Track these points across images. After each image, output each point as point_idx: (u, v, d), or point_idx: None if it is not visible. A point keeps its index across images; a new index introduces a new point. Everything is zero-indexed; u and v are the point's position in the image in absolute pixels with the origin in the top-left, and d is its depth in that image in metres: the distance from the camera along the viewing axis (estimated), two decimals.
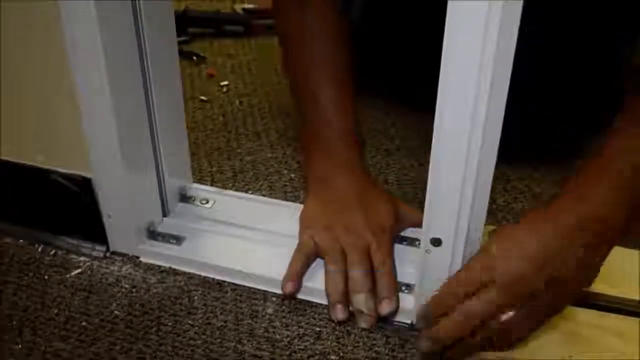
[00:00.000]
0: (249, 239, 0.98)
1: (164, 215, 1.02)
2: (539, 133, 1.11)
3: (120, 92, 0.85)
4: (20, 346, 0.84)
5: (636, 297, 0.86)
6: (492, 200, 0.98)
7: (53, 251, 0.99)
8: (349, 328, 0.87)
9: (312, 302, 0.90)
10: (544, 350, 0.79)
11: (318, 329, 0.87)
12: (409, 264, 0.92)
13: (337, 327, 0.87)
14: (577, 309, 0.85)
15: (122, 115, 0.86)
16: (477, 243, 0.80)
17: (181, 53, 1.39)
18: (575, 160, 1.04)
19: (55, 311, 0.89)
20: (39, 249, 1.00)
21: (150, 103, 0.92)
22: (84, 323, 0.87)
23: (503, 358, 0.78)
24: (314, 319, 0.88)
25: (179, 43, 0.99)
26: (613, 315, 0.84)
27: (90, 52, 0.81)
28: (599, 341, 0.80)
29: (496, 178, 0.74)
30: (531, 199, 1.07)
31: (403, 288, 0.88)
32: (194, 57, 1.58)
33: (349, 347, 0.84)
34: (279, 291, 0.91)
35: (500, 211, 1.05)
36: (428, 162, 0.73)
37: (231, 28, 1.73)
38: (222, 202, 1.06)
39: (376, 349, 0.84)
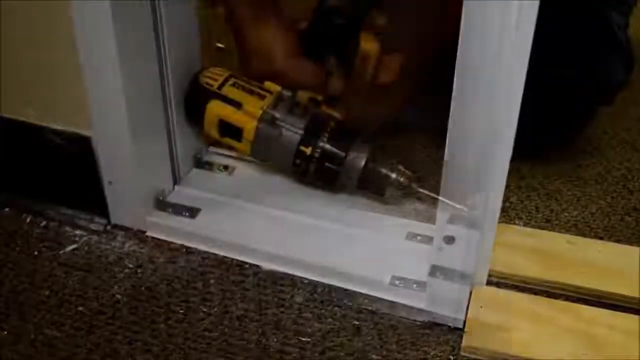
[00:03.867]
0: (276, 214, 0.98)
1: (175, 182, 1.03)
2: (552, 129, 1.18)
3: (127, 38, 0.86)
4: (6, 332, 0.85)
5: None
6: (505, 198, 1.04)
7: (44, 223, 1.00)
8: (393, 322, 0.86)
9: (350, 290, 0.90)
10: (555, 349, 0.85)
11: (357, 322, 0.87)
12: (421, 261, 0.92)
13: (380, 321, 0.86)
14: (587, 307, 0.91)
15: (128, 64, 0.87)
16: (491, 241, 0.86)
17: None
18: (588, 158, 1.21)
19: (47, 293, 0.90)
20: (28, 220, 1.01)
21: (162, 51, 0.92)
22: (80, 308, 0.88)
23: (517, 357, 0.84)
24: (352, 310, 0.88)
25: None
26: (623, 314, 0.90)
27: None
28: (610, 340, 0.86)
29: (509, 174, 0.80)
30: (544, 197, 1.11)
31: (415, 286, 0.90)
32: None
33: (393, 346, 0.84)
34: (310, 276, 0.91)
35: (513, 209, 1.08)
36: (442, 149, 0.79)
37: None
38: (244, 169, 1.06)
39: (387, 346, 0.84)
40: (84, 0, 0.82)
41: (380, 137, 1.03)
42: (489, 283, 0.92)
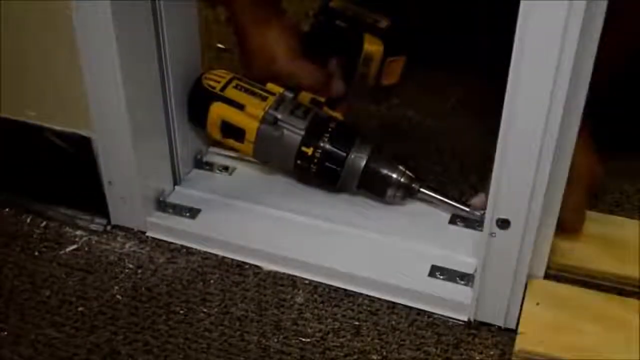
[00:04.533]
0: (276, 215, 0.98)
1: (176, 183, 1.03)
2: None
3: (128, 39, 0.85)
4: (6, 333, 0.85)
5: None
6: None
7: (44, 223, 1.00)
8: (393, 323, 0.86)
9: (350, 291, 0.90)
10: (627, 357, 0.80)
11: (357, 322, 0.87)
12: (466, 250, 0.92)
13: (380, 322, 0.86)
14: None
15: (128, 65, 0.86)
16: (553, 226, 0.80)
17: None
18: None
19: (47, 293, 0.90)
20: (28, 220, 1.00)
21: (163, 52, 0.92)
22: (80, 308, 0.88)
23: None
24: (352, 310, 0.88)
25: None
26: None
27: None
28: None
29: None
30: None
31: (458, 279, 0.89)
32: None
33: (394, 346, 0.84)
34: (310, 277, 0.91)
35: None
36: (489, 125, 0.74)
37: None
38: (244, 170, 1.06)
39: (426, 348, 0.83)
40: (84, 1, 0.82)
41: (381, 137, 1.04)
42: (547, 276, 0.88)
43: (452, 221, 0.97)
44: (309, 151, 0.95)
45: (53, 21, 0.85)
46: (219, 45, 1.39)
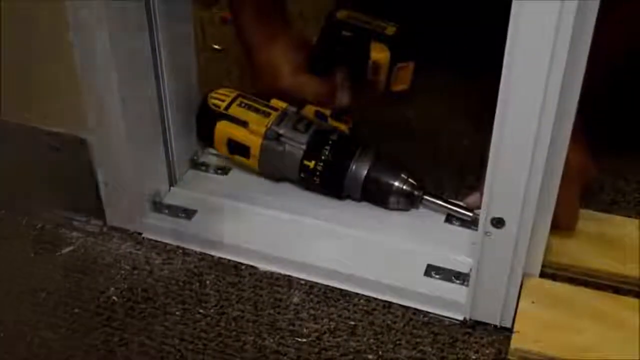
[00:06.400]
0: (272, 215, 0.98)
1: (172, 184, 1.03)
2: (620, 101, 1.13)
3: (123, 42, 0.86)
4: (2, 334, 0.85)
5: None
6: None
7: (40, 225, 1.00)
8: (389, 322, 0.86)
9: (346, 291, 0.90)
10: (623, 356, 0.80)
11: (353, 322, 0.87)
12: (462, 249, 0.92)
13: (375, 322, 0.86)
14: None
15: (124, 67, 0.86)
16: (547, 225, 0.80)
17: None
18: None
19: (43, 295, 0.90)
20: (24, 222, 1.00)
21: (158, 53, 0.92)
22: (76, 309, 0.89)
23: None
24: (348, 310, 0.88)
25: None
26: None
27: None
28: None
29: None
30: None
31: (454, 278, 0.89)
32: None
33: (390, 345, 0.84)
34: (306, 277, 0.92)
35: None
36: (485, 127, 0.73)
37: None
38: (239, 171, 1.06)
39: (422, 347, 0.84)
40: (81, 4, 0.82)
41: (381, 138, 1.04)
42: (543, 275, 0.88)
43: (448, 220, 0.97)
44: (311, 164, 0.96)
45: (49, 23, 0.86)
46: (214, 47, 1.40)
